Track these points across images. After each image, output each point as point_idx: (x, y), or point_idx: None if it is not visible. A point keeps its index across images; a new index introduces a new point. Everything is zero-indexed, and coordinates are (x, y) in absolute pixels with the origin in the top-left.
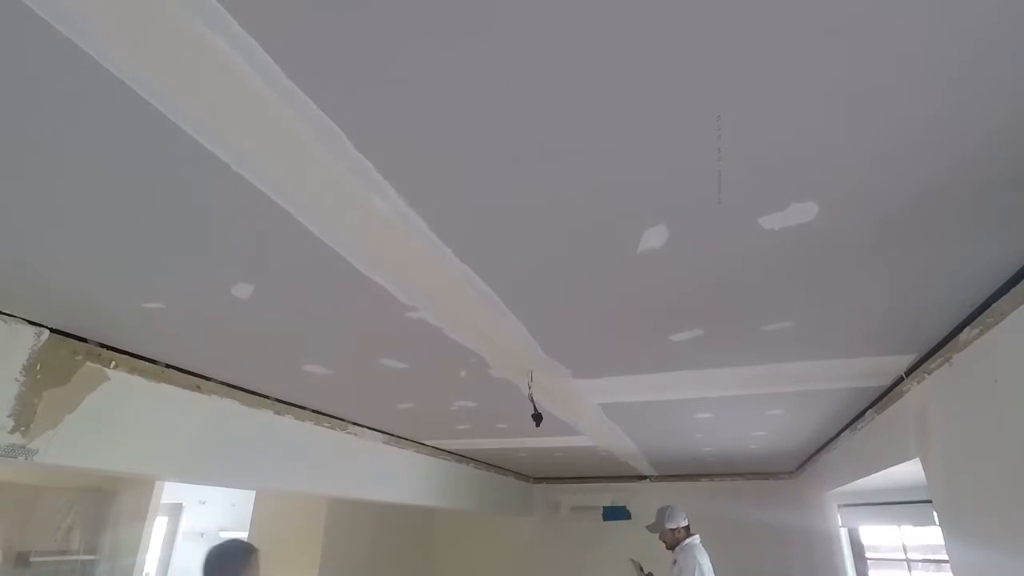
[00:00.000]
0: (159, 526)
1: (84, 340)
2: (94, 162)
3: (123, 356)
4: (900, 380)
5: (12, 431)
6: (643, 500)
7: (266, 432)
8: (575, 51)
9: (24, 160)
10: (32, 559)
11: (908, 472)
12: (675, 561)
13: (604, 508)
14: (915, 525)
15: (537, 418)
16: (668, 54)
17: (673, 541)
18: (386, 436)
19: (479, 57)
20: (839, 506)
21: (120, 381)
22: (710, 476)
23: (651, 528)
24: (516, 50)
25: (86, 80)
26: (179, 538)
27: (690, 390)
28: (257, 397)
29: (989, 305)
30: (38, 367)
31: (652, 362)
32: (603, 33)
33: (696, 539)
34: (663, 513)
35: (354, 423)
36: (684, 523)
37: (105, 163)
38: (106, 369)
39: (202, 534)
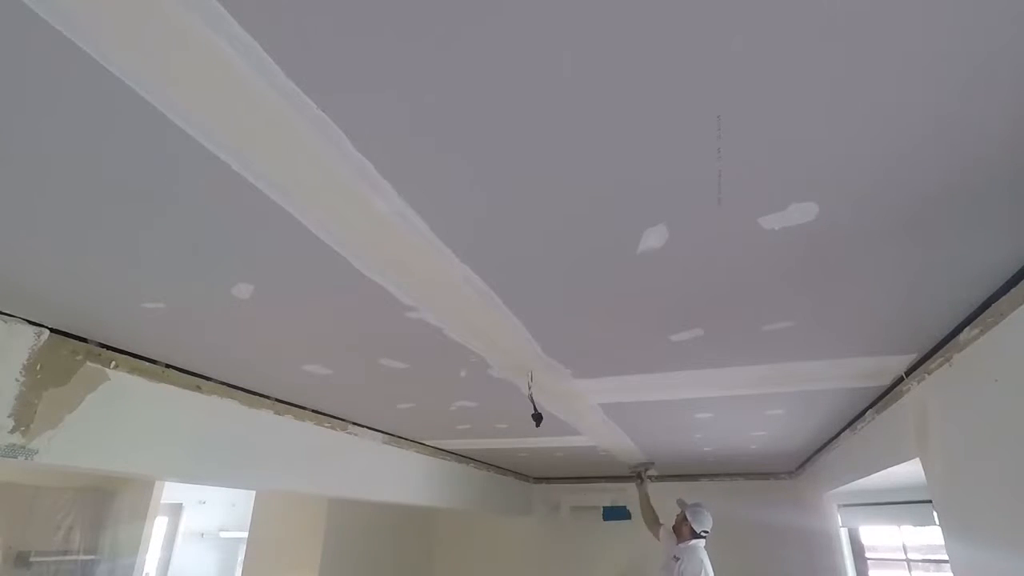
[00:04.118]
0: (159, 526)
1: (84, 340)
2: (94, 162)
3: (123, 356)
4: (900, 380)
5: (12, 431)
6: None
7: (266, 432)
8: (575, 52)
9: (24, 160)
10: (32, 559)
11: (908, 472)
12: (676, 558)
13: (604, 508)
14: (915, 525)
15: (537, 418)
16: (669, 55)
17: (684, 535)
18: (386, 436)
19: (479, 56)
20: (839, 506)
21: (120, 381)
22: (710, 476)
23: (680, 505)
24: (517, 50)
25: (86, 80)
26: (179, 538)
27: (690, 390)
28: (257, 397)
29: (989, 305)
30: (38, 367)
31: (652, 362)
32: (603, 33)
33: (702, 543)
34: (694, 511)
35: (354, 423)
36: (707, 529)
37: (105, 163)
38: (106, 369)
39: (202, 534)
